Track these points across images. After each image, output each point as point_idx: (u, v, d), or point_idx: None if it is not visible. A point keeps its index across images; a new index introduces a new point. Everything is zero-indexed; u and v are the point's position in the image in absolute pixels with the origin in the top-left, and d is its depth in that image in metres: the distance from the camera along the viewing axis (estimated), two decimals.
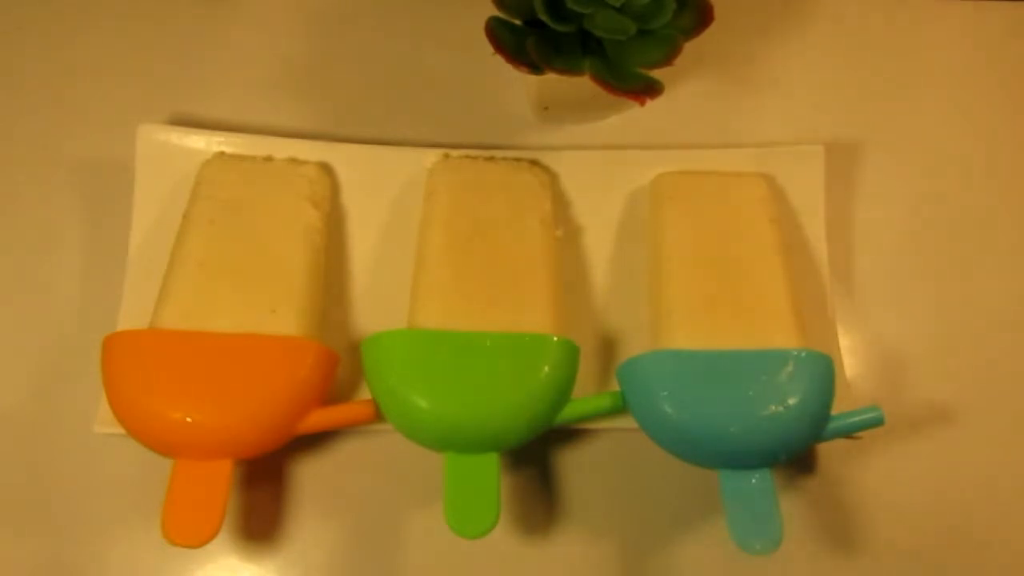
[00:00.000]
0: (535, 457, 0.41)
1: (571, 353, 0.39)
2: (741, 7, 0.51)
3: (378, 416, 0.39)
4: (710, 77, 0.50)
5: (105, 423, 0.38)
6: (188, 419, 0.36)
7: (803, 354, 0.38)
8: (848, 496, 0.41)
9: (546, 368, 0.38)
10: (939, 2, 0.52)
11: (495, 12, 0.41)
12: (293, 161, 0.44)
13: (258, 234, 0.41)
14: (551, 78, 0.41)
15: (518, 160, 0.45)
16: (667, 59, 0.40)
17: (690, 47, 0.41)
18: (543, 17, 0.39)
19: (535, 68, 0.40)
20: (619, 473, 0.41)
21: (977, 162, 0.49)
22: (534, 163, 0.45)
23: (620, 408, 0.39)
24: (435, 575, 0.40)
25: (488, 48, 0.40)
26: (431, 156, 0.45)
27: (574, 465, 0.41)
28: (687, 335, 0.39)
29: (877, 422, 0.38)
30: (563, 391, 0.38)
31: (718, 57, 0.50)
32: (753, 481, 0.37)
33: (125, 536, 0.39)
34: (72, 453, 0.40)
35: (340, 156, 0.45)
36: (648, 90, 0.40)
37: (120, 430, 0.37)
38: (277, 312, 0.39)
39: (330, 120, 0.48)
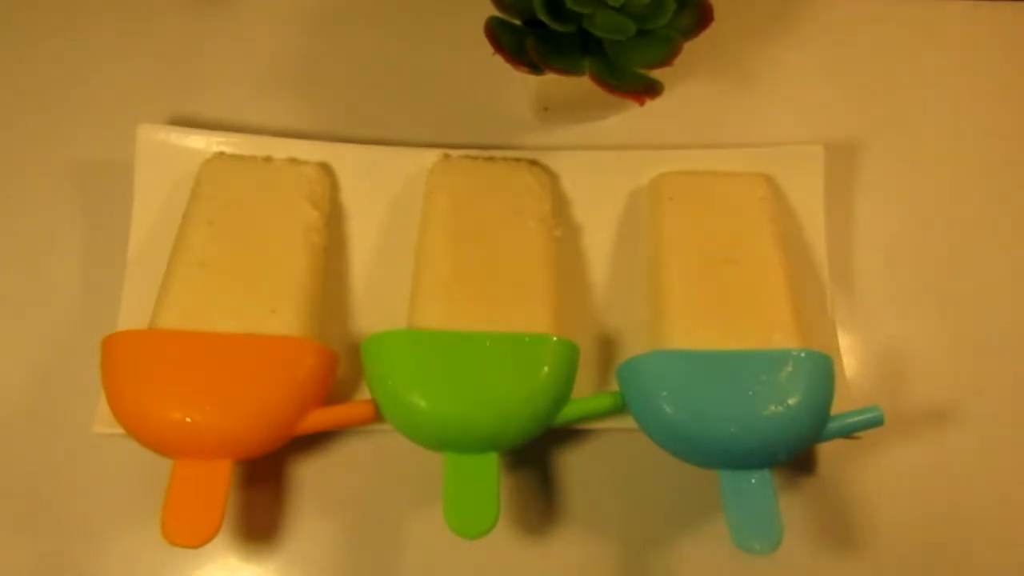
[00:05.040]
0: (535, 457, 0.41)
1: (571, 353, 0.39)
2: (741, 7, 0.51)
3: (378, 416, 0.39)
4: (710, 77, 0.50)
5: (105, 423, 0.38)
6: (188, 419, 0.36)
7: (803, 354, 0.38)
8: (848, 496, 0.41)
9: (546, 368, 0.38)
10: (939, 2, 0.52)
11: (495, 12, 0.41)
12: (293, 161, 0.44)
13: (258, 234, 0.41)
14: (551, 78, 0.41)
15: (518, 160, 0.45)
16: (667, 59, 0.40)
17: (690, 47, 0.41)
18: (543, 17, 0.39)
19: (535, 68, 0.40)
20: (619, 473, 0.41)
21: (977, 162, 0.49)
22: (534, 163, 0.45)
23: (620, 408, 0.39)
24: (435, 575, 0.40)
25: (488, 48, 0.40)
26: (431, 156, 0.45)
27: (574, 465, 0.41)
28: (687, 335, 0.39)
29: (877, 422, 0.38)
30: (563, 391, 0.38)
31: (718, 57, 0.50)
32: (753, 481, 0.37)
33: (125, 536, 0.39)
34: (72, 453, 0.40)
35: (340, 156, 0.45)
36: (648, 90, 0.40)
37: (120, 430, 0.37)
38: (277, 312, 0.39)
39: (330, 120, 0.48)
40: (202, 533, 0.35)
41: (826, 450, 0.42)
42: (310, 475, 0.41)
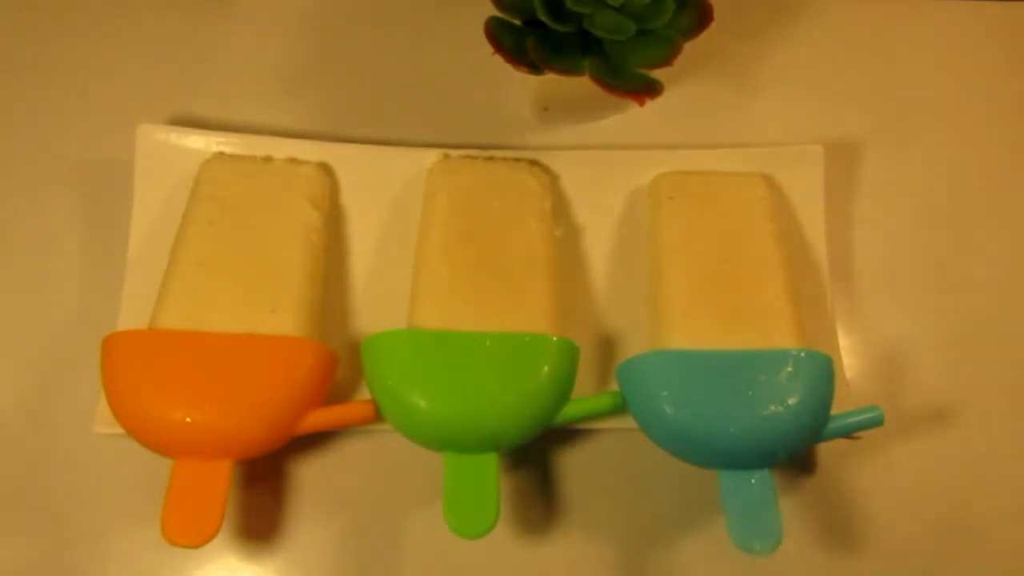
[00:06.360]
0: (535, 457, 0.41)
1: (570, 353, 0.39)
2: (741, 7, 0.51)
3: (378, 416, 0.39)
4: (710, 77, 0.50)
5: (105, 423, 0.38)
6: (188, 419, 0.36)
7: (803, 354, 0.38)
8: (848, 496, 0.41)
9: (545, 368, 0.38)
10: (939, 2, 0.52)
11: (495, 12, 0.41)
12: (293, 161, 0.44)
13: (258, 234, 0.41)
14: (551, 78, 0.41)
15: (518, 160, 0.45)
16: (667, 59, 0.40)
17: (690, 47, 0.41)
18: (543, 17, 0.39)
19: (535, 68, 0.40)
20: (619, 473, 0.41)
21: (976, 162, 0.49)
22: (534, 163, 0.45)
23: (620, 408, 0.39)
24: (435, 575, 0.40)
25: (488, 48, 0.40)
26: (431, 156, 0.45)
27: (574, 465, 0.41)
28: (687, 335, 0.39)
29: (877, 422, 0.38)
30: (563, 391, 0.38)
31: (718, 57, 0.50)
32: (753, 481, 0.36)
33: (125, 536, 0.39)
34: (72, 453, 0.40)
35: (340, 156, 0.45)
36: (648, 90, 0.40)
37: (120, 430, 0.37)
38: (277, 312, 0.39)
39: (330, 120, 0.48)
40: (202, 533, 0.35)
41: (826, 450, 0.42)
42: (310, 475, 0.41)
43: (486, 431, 0.37)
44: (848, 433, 0.38)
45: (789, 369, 0.37)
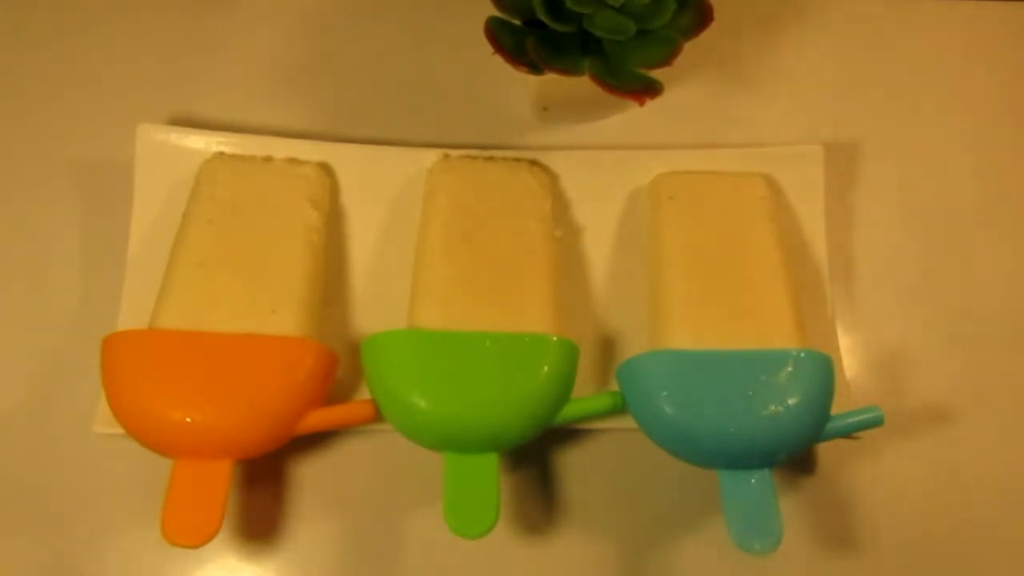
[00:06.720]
0: (535, 457, 0.41)
1: (570, 353, 0.39)
2: (741, 7, 0.51)
3: (378, 416, 0.39)
4: (710, 77, 0.50)
5: (105, 423, 0.38)
6: (188, 419, 0.36)
7: (803, 354, 0.38)
8: (848, 496, 0.41)
9: (545, 368, 0.38)
10: (939, 2, 0.52)
11: (495, 12, 0.41)
12: (293, 161, 0.44)
13: (258, 234, 0.41)
14: (551, 78, 0.41)
15: (518, 160, 0.45)
16: (667, 59, 0.40)
17: (690, 47, 0.41)
18: (543, 17, 0.39)
19: (535, 68, 0.40)
20: (619, 473, 0.41)
21: (977, 162, 0.49)
22: (534, 163, 0.45)
23: (620, 408, 0.39)
24: (435, 575, 0.40)
25: (488, 48, 0.40)
26: (431, 156, 0.45)
27: (574, 465, 0.41)
28: (687, 335, 0.39)
29: (877, 422, 0.38)
30: (563, 391, 0.38)
31: (718, 57, 0.50)
32: (753, 481, 0.37)
33: (125, 536, 0.39)
34: (72, 453, 0.40)
35: (340, 156, 0.45)
36: (648, 90, 0.40)
37: (120, 430, 0.37)
38: (277, 312, 0.39)
39: (330, 120, 0.48)
40: (202, 533, 0.35)
41: (826, 450, 0.42)
42: (310, 475, 0.41)
43: (486, 431, 0.37)
44: (848, 433, 0.38)
45: (789, 369, 0.37)
